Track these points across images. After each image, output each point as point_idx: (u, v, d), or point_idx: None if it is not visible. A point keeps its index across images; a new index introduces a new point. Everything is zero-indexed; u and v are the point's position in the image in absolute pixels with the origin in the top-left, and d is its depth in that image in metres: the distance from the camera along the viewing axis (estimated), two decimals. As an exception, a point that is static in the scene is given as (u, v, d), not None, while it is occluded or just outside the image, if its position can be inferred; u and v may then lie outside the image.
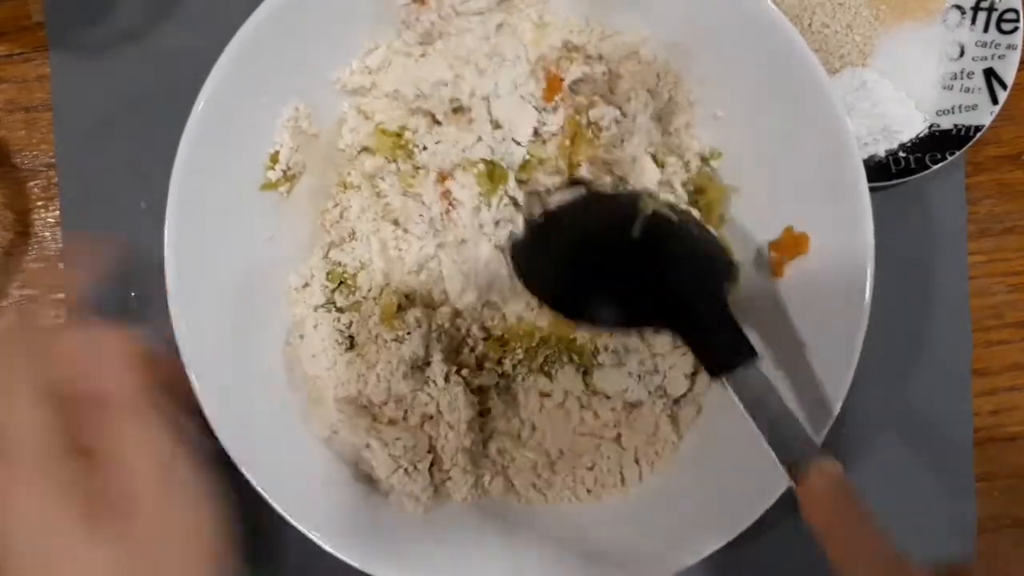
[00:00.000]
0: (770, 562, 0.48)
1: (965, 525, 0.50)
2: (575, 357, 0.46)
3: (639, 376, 0.45)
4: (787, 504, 0.37)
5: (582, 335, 0.45)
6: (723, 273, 0.42)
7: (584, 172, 0.44)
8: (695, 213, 0.44)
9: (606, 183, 0.45)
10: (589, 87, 0.45)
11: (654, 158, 0.45)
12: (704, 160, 0.46)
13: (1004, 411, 0.51)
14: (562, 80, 0.44)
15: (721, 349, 0.38)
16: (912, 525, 0.35)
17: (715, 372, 0.37)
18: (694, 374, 0.46)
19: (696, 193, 0.46)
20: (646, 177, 0.44)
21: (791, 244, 0.43)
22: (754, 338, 0.40)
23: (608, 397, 0.46)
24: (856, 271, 0.40)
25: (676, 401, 0.46)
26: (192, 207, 0.41)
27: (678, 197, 0.45)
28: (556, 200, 0.44)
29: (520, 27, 0.44)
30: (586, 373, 0.46)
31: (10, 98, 0.51)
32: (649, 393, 0.45)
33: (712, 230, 0.44)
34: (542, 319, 0.45)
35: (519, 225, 0.44)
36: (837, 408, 0.40)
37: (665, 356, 0.45)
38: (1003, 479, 0.51)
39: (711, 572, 0.42)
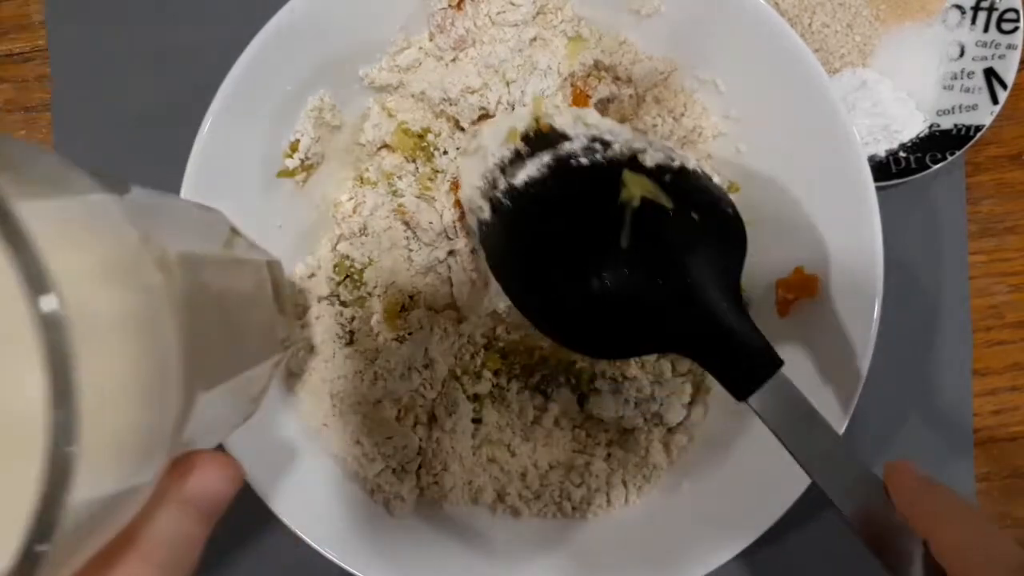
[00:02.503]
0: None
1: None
2: (572, 380, 0.45)
3: (635, 403, 0.45)
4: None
5: (582, 360, 0.45)
6: (733, 255, 0.35)
7: (556, 121, 0.39)
8: (691, 163, 0.36)
9: (579, 141, 0.38)
10: (614, 107, 0.45)
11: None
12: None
13: (1005, 411, 0.51)
14: (588, 97, 0.44)
15: (743, 365, 0.32)
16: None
17: (741, 395, 0.32)
18: (691, 403, 0.46)
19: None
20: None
21: (800, 285, 0.42)
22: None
23: (603, 420, 0.46)
24: (865, 300, 0.40)
25: (671, 429, 0.46)
26: (206, 187, 0.40)
27: None
28: (522, 177, 0.37)
29: (554, 42, 0.43)
30: (583, 396, 0.45)
31: (9, 98, 0.51)
32: (645, 420, 0.45)
33: (718, 181, 0.37)
34: (544, 339, 0.45)
35: (485, 210, 0.38)
36: (845, 422, 0.40)
37: (663, 384, 0.45)
38: (1003, 479, 0.50)
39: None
